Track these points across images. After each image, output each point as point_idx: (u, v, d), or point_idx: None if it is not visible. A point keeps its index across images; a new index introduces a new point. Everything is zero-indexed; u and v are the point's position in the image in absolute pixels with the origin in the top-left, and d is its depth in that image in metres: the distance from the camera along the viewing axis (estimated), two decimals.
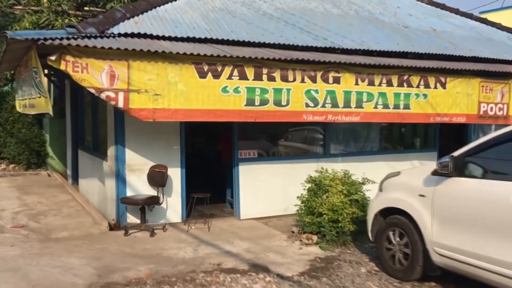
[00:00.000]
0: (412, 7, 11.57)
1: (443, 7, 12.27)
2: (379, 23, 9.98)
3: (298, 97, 7.24)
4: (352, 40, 8.62)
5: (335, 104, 7.52)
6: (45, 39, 5.74)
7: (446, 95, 8.38)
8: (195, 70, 6.55)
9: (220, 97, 6.73)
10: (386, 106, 7.91)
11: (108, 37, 6.63)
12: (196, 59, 6.52)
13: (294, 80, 7.19)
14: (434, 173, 5.19)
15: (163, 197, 7.39)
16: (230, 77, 6.75)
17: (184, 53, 6.36)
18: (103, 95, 6.12)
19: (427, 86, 8.18)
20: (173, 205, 7.72)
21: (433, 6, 12.14)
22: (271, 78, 7.03)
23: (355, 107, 7.69)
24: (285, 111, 7.21)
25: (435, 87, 8.26)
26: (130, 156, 7.44)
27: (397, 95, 7.97)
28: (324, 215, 6.78)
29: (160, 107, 6.39)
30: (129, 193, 7.40)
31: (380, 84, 7.81)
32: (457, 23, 11.44)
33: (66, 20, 10.95)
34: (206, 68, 6.60)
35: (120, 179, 7.40)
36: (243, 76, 6.83)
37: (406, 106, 8.08)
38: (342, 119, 7.68)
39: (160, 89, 6.37)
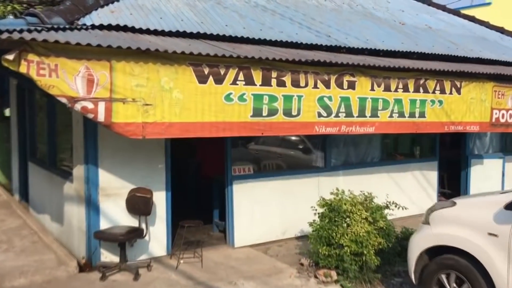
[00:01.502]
0: (401, 2, 10.78)
1: (429, 3, 11.61)
2: (375, 19, 9.03)
3: (310, 106, 6.07)
4: (356, 38, 7.56)
5: (349, 113, 6.42)
6: (0, 31, 4.23)
7: (461, 101, 7.49)
8: (193, 73, 5.20)
9: (223, 106, 5.43)
10: (401, 114, 6.90)
11: (79, 30, 5.17)
12: (195, 60, 5.16)
13: (306, 85, 6.00)
14: (510, 207, 4.21)
15: (147, 229, 6.00)
16: (234, 82, 5.45)
17: (182, 52, 4.96)
18: (78, 106, 4.65)
19: (442, 91, 7.25)
20: (157, 236, 6.33)
21: (420, 2, 11.42)
22: (281, 83, 5.80)
23: (370, 116, 6.62)
24: (295, 123, 6.01)
25: (451, 93, 7.34)
26: (105, 177, 5.98)
27: (413, 101, 6.98)
28: (346, 248, 5.70)
29: (151, 121, 5.00)
30: (103, 224, 5.95)
31: (396, 90, 6.78)
32: (448, 20, 10.75)
33: (9, 7, 9.21)
34: (206, 70, 5.26)
35: (92, 206, 5.92)
36: (249, 81, 5.55)
37: (422, 114, 7.11)
38: (356, 130, 6.58)
39: (151, 98, 4.98)
